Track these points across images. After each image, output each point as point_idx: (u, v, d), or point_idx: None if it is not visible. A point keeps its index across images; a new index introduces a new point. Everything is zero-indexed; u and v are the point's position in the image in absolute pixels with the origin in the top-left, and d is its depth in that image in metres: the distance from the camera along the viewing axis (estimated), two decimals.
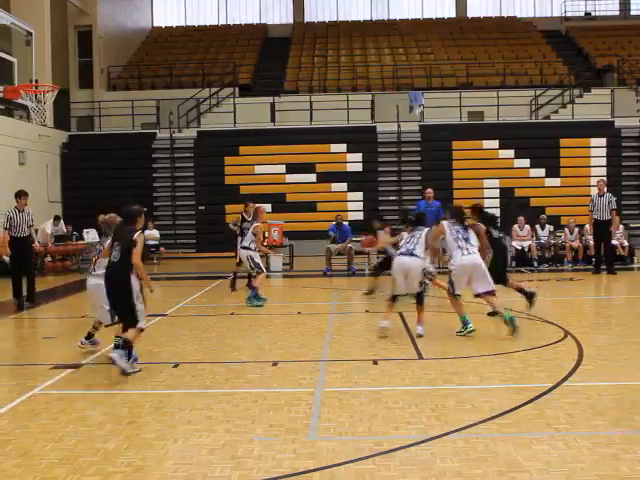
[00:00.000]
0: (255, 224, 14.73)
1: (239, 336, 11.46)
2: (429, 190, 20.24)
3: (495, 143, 28.15)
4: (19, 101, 23.31)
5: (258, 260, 14.67)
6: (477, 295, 11.11)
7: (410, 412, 7.03)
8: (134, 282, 8.85)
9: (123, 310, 8.90)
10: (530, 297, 12.47)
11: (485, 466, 5.62)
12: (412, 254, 11.04)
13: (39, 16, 26.75)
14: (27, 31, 21.96)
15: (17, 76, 22.50)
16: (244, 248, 14.81)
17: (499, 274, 11.89)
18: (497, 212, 26.86)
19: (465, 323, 10.94)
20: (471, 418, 6.77)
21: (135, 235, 8.82)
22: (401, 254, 11.18)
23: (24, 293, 15.61)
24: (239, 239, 15.64)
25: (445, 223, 11.32)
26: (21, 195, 15.69)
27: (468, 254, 10.89)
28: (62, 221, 24.17)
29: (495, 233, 12.39)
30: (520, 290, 12.60)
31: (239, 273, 16.45)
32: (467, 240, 11.02)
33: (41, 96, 23.97)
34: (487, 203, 27.31)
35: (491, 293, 11.03)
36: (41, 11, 27.35)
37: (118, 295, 8.84)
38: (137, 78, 35.32)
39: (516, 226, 21.94)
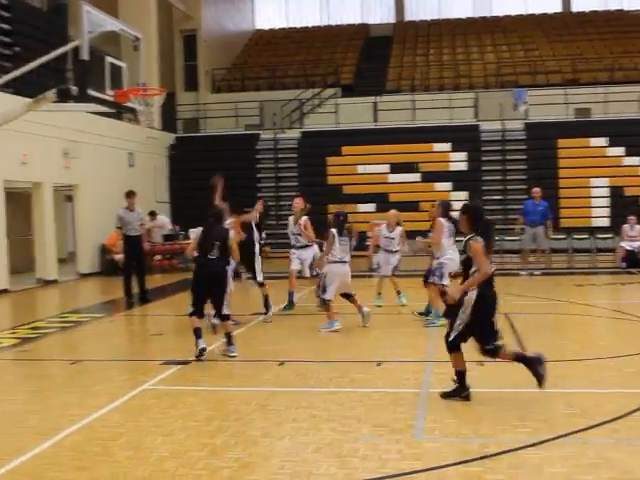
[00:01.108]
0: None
1: (344, 335, 11.51)
2: (537, 189, 19.77)
3: (603, 141, 27.30)
4: (128, 104, 23.94)
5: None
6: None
7: (517, 415, 6.91)
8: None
9: (219, 303, 9.97)
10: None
11: (596, 472, 5.47)
12: (345, 261, 11.99)
13: (146, 22, 27.40)
14: (135, 36, 22.44)
15: (126, 80, 23.12)
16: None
17: None
18: (605, 211, 26.22)
19: (429, 312, 11.97)
20: (581, 423, 6.60)
21: (231, 232, 10.25)
22: (336, 262, 11.87)
23: (134, 291, 16.06)
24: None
25: (443, 220, 12.00)
26: (130, 195, 16.20)
27: (456, 250, 11.63)
28: (160, 216, 24.23)
29: None
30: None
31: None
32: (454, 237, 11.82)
33: (150, 99, 24.53)
34: (595, 202, 26.67)
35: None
36: (148, 17, 28.06)
37: (219, 290, 9.93)
38: (240, 80, 35.80)
39: (626, 226, 21.21)
